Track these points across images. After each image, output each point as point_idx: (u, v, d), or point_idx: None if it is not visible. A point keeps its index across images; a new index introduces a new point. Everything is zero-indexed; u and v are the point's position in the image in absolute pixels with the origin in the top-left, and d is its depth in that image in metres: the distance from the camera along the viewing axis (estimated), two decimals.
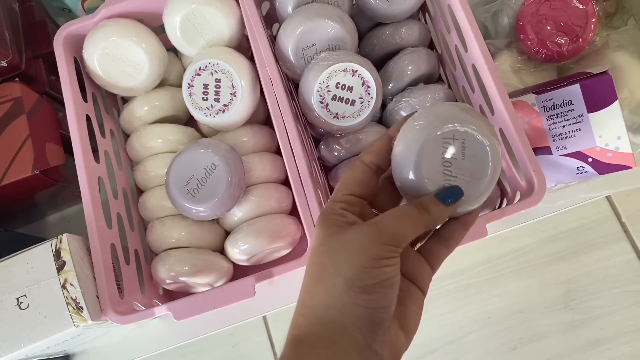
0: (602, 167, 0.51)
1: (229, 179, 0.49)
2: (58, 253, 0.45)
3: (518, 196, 0.46)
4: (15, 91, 0.52)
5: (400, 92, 0.53)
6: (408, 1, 0.51)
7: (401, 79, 0.52)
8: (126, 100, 0.60)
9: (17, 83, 0.52)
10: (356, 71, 0.47)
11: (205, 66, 0.51)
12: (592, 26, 0.53)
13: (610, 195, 0.60)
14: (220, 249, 0.55)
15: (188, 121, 0.59)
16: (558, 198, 0.58)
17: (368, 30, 0.56)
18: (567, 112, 0.50)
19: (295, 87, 0.55)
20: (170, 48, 0.56)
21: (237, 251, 0.52)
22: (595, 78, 0.49)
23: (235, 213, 0.53)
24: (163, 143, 0.55)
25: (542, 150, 0.52)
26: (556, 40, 0.54)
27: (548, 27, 0.54)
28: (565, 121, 0.51)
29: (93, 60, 0.52)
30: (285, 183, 0.55)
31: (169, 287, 0.54)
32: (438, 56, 0.57)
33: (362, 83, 0.48)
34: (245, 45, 0.57)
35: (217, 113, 0.51)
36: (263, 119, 0.60)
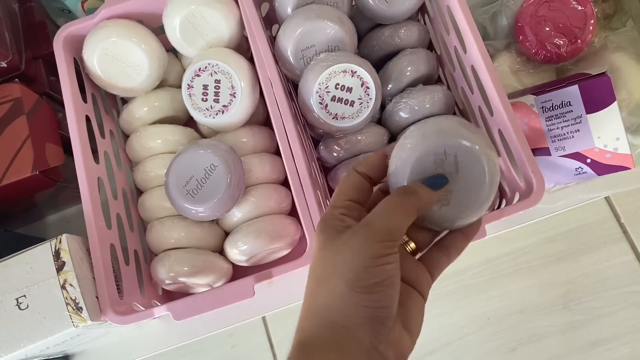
0: (601, 168, 0.51)
1: (229, 180, 0.49)
2: (58, 253, 0.46)
3: (517, 197, 0.46)
4: (15, 92, 0.52)
5: (399, 93, 0.53)
6: (407, 2, 0.51)
7: (400, 80, 0.52)
8: (126, 101, 0.60)
9: (17, 84, 0.52)
10: (355, 72, 0.47)
11: (204, 67, 0.51)
12: (591, 27, 0.53)
13: (609, 196, 0.60)
14: (219, 250, 0.55)
15: (187, 122, 0.59)
16: (557, 199, 0.58)
17: (367, 31, 0.56)
18: (566, 113, 0.50)
19: (294, 88, 0.55)
20: (169, 49, 0.56)
21: (237, 252, 0.52)
22: (593, 79, 0.49)
23: (234, 214, 0.53)
24: (162, 144, 0.55)
25: (541, 151, 0.52)
26: (555, 41, 0.54)
27: (547, 29, 0.54)
28: (564, 122, 0.51)
29: (93, 61, 0.52)
30: (284, 184, 0.55)
31: (169, 288, 0.54)
32: (437, 57, 0.57)
33: (362, 84, 0.48)
34: (244, 46, 0.57)
35: (217, 114, 0.52)
36: (262, 120, 0.60)
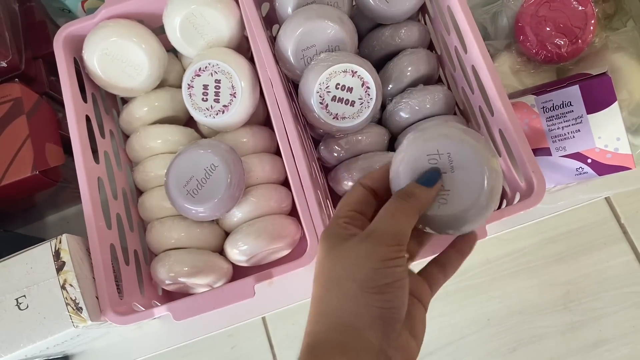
0: (602, 168, 0.51)
1: (229, 180, 0.49)
2: (57, 253, 0.45)
3: (517, 197, 0.46)
4: (15, 91, 0.52)
5: (399, 93, 0.53)
6: (407, 2, 0.51)
7: (401, 80, 0.52)
8: (126, 100, 0.60)
9: (17, 83, 0.52)
10: (356, 72, 0.47)
11: (205, 67, 0.51)
12: (592, 27, 0.53)
13: (609, 196, 0.60)
14: (219, 250, 0.55)
15: (188, 122, 0.59)
16: (557, 199, 0.58)
17: (368, 31, 0.56)
18: (567, 113, 0.50)
19: (295, 88, 0.55)
20: (170, 49, 0.56)
21: (237, 252, 0.52)
22: (594, 79, 0.49)
23: (234, 214, 0.53)
24: (163, 144, 0.55)
25: (542, 151, 0.52)
26: (555, 41, 0.54)
27: (547, 29, 0.54)
28: (564, 122, 0.51)
29: (93, 60, 0.52)
30: (284, 184, 0.55)
31: (169, 288, 0.54)
32: (437, 57, 0.57)
33: (362, 84, 0.48)
34: (245, 46, 0.57)
35: (217, 114, 0.51)
36: (263, 120, 0.60)
